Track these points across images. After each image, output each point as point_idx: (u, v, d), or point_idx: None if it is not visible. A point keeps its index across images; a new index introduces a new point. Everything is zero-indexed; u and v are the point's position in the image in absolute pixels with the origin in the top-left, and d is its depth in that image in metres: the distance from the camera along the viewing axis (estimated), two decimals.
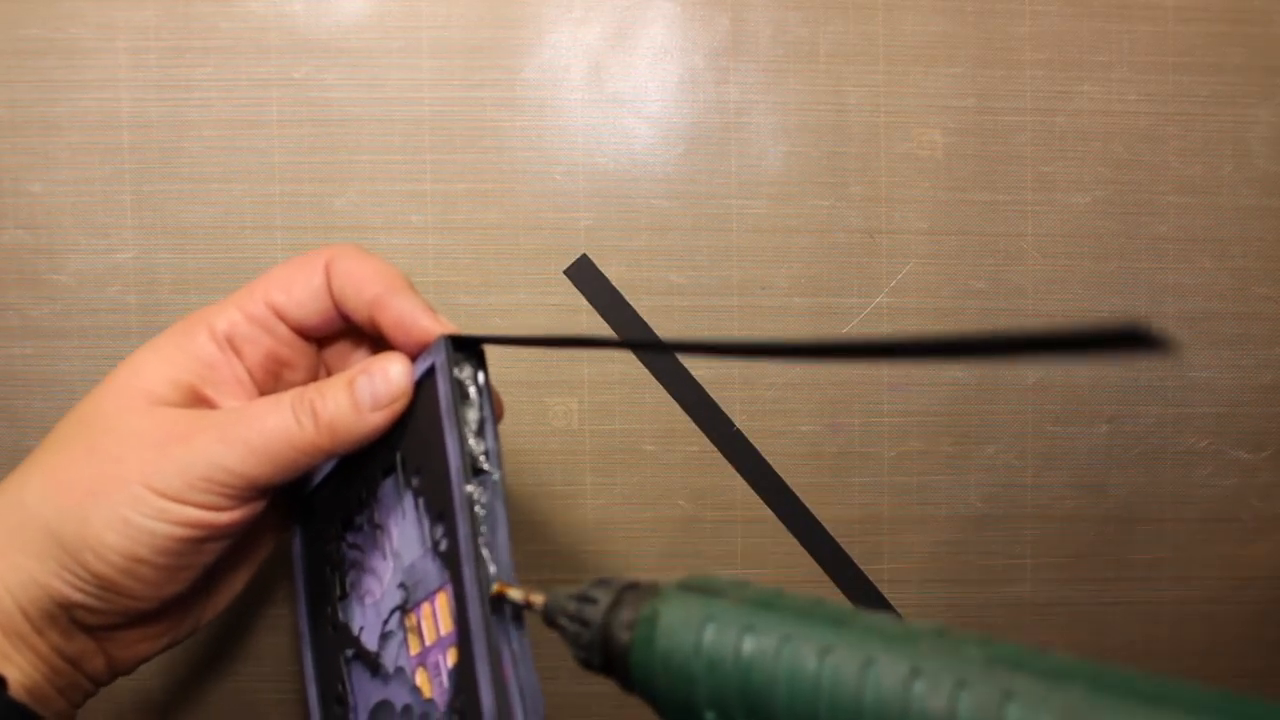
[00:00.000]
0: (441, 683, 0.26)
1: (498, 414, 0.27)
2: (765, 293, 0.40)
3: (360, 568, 0.29)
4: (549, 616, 0.23)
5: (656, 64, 0.40)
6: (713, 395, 0.40)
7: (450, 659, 0.26)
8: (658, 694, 0.21)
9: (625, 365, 0.40)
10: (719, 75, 0.40)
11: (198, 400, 0.27)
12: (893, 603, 0.41)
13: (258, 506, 0.27)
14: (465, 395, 0.26)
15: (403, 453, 0.27)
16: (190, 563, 0.27)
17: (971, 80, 0.40)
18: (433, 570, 0.26)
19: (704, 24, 0.40)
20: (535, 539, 0.40)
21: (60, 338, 0.39)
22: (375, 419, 0.27)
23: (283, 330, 0.28)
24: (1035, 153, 0.40)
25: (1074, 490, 0.41)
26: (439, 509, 0.26)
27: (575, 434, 0.40)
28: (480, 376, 0.26)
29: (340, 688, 0.29)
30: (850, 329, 0.40)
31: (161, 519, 0.25)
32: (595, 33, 0.40)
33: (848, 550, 0.40)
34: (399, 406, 0.27)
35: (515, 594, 0.24)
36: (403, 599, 0.27)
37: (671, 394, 0.40)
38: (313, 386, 0.27)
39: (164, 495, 0.25)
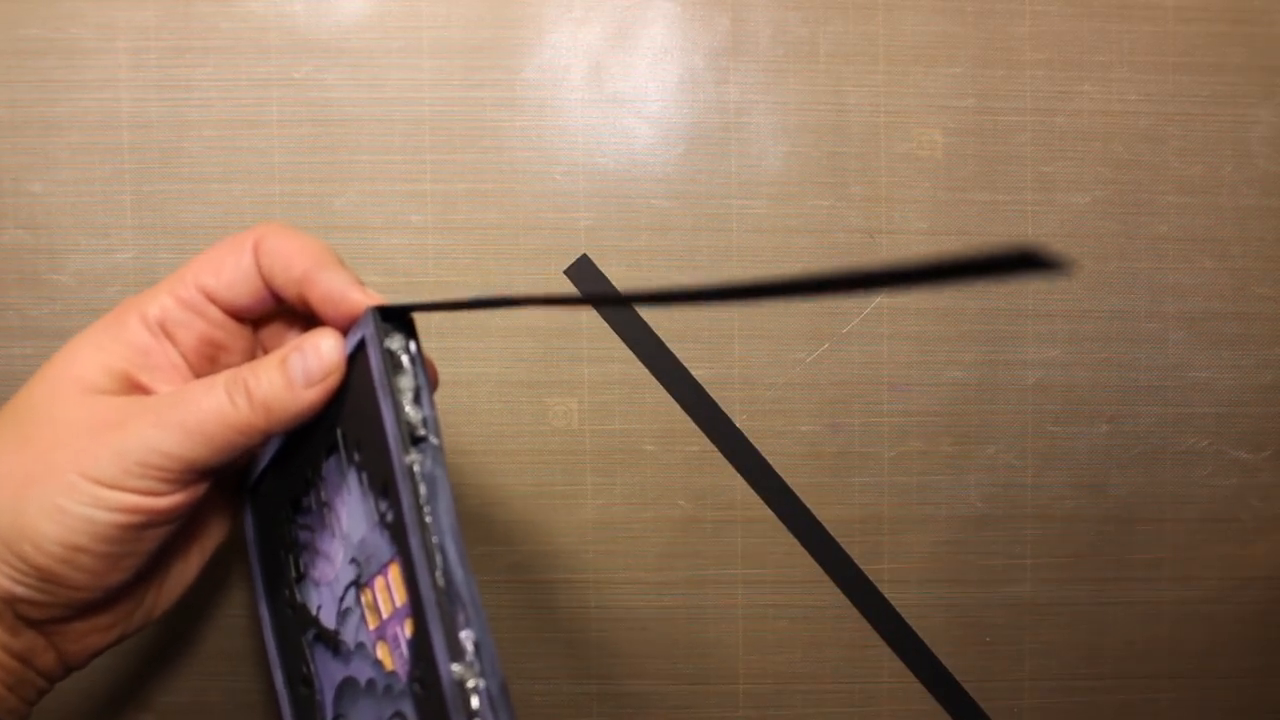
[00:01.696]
0: (402, 654, 0.26)
1: (433, 382, 0.27)
2: None
3: (312, 549, 0.29)
4: None
5: (656, 64, 0.40)
6: (713, 395, 0.40)
7: (407, 630, 0.25)
8: None
9: (625, 365, 0.40)
10: (719, 75, 0.40)
11: (133, 387, 0.27)
12: (893, 602, 0.41)
13: (198, 490, 0.27)
14: (398, 365, 0.26)
15: (343, 429, 0.27)
16: (132, 550, 0.26)
17: (971, 80, 0.40)
18: (382, 544, 0.26)
19: (704, 24, 0.40)
20: (535, 539, 0.40)
21: (60, 338, 0.38)
22: (309, 395, 0.26)
23: (214, 313, 0.28)
24: (1035, 153, 0.40)
25: (1074, 490, 0.41)
26: (382, 481, 0.26)
27: (575, 434, 0.40)
28: (412, 345, 0.26)
29: (305, 669, 0.29)
30: (850, 329, 0.40)
31: (98, 506, 0.25)
32: (595, 33, 0.40)
33: (848, 550, 0.40)
34: (332, 382, 0.26)
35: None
36: (356, 574, 0.27)
37: (671, 394, 0.40)
38: (246, 366, 0.27)
39: (99, 482, 0.25)
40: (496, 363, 0.40)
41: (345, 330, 0.27)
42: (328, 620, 0.28)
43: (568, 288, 0.40)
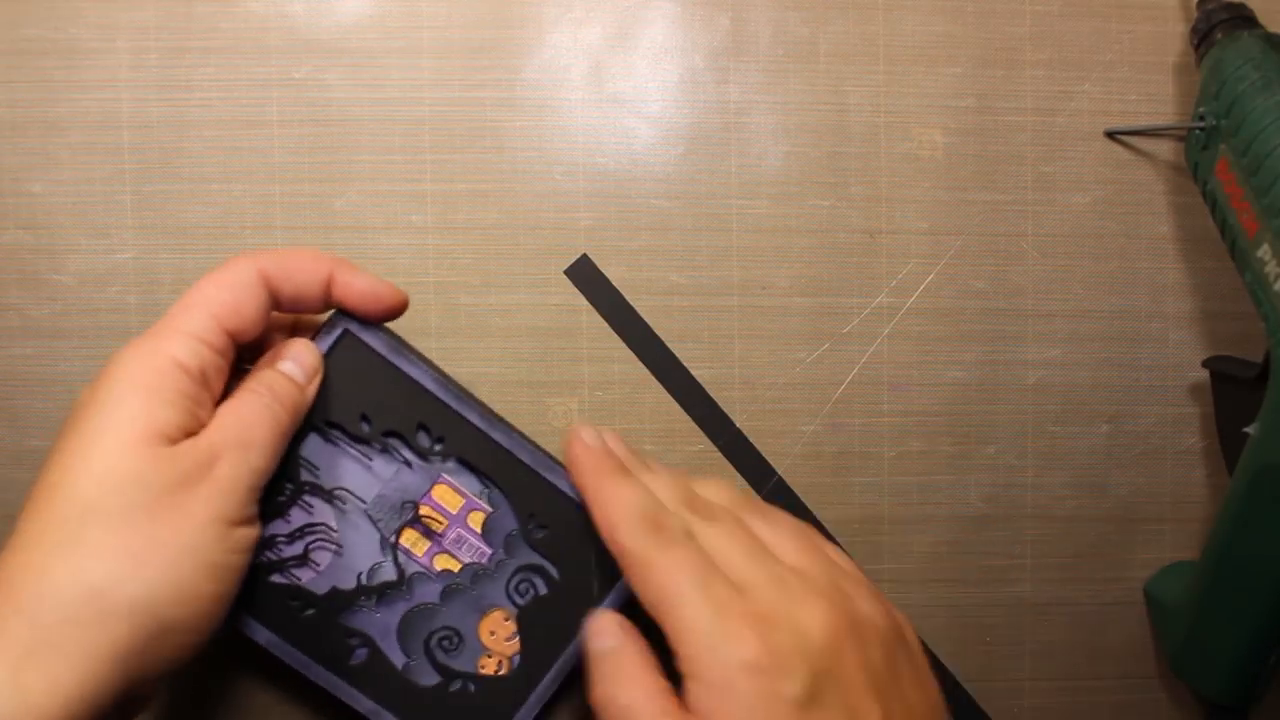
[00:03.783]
0: (475, 545, 0.33)
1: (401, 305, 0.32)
2: (765, 293, 0.40)
3: (329, 541, 0.33)
4: None
5: (656, 64, 0.40)
6: (713, 395, 0.40)
7: (475, 522, 0.33)
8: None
9: (625, 365, 0.40)
10: (719, 75, 0.40)
11: (189, 435, 0.28)
12: (894, 602, 0.41)
13: None
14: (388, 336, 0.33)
15: (328, 418, 0.32)
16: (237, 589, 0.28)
17: (971, 80, 0.40)
18: (414, 479, 0.33)
19: (704, 24, 0.40)
20: None
21: (60, 338, 0.39)
22: (311, 389, 0.31)
23: (233, 353, 0.30)
24: (1035, 153, 0.40)
25: (1074, 490, 0.41)
26: (417, 422, 0.33)
27: None
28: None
29: (353, 643, 0.33)
30: (850, 329, 0.40)
31: (236, 549, 0.27)
32: (595, 33, 0.40)
33: (848, 550, 0.40)
34: (320, 375, 0.31)
35: None
36: (400, 520, 0.33)
37: (671, 394, 0.40)
38: (251, 380, 0.29)
39: (235, 522, 0.27)
40: (496, 363, 0.40)
41: (377, 319, 0.33)
42: (370, 580, 0.33)
43: (569, 287, 0.40)
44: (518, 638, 0.33)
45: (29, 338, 0.39)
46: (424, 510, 0.33)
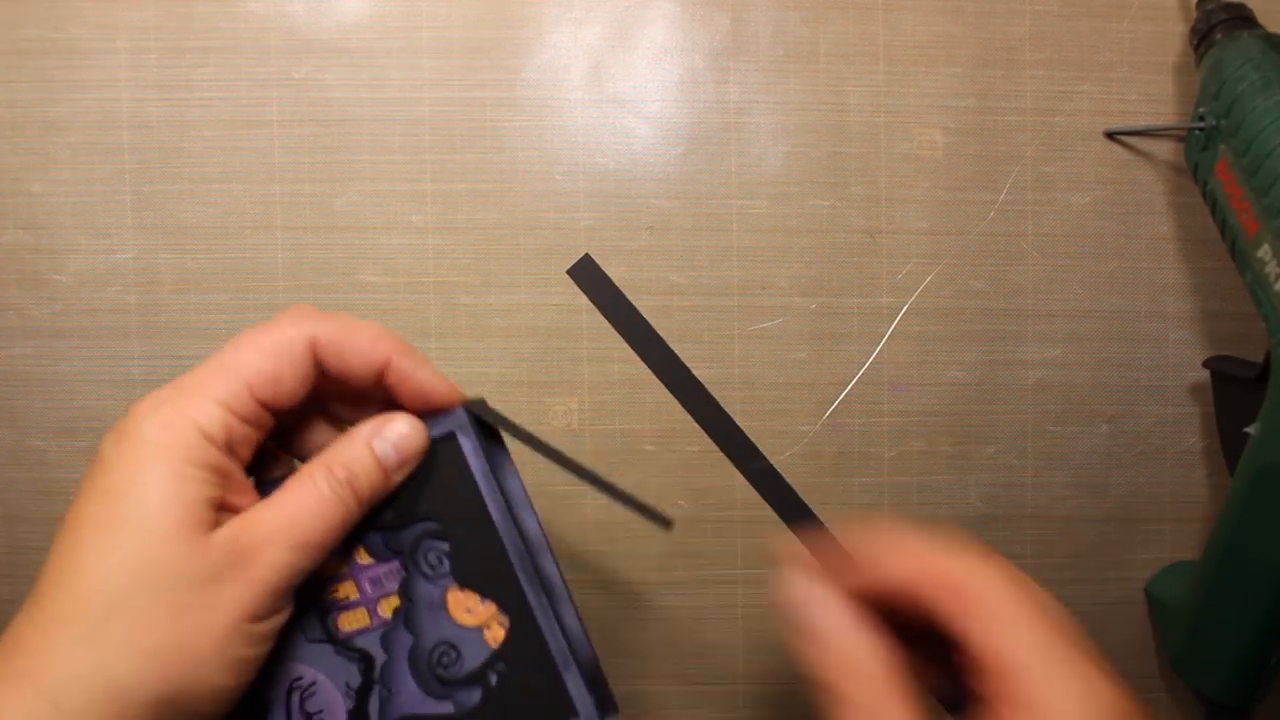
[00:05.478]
0: (385, 568, 0.29)
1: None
2: (765, 293, 0.40)
3: (301, 691, 0.30)
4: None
5: (656, 64, 0.40)
6: (713, 395, 0.40)
7: (363, 556, 0.29)
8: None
9: (625, 365, 0.40)
10: (719, 75, 0.40)
11: (224, 507, 0.26)
12: None
13: None
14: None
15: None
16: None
17: (971, 80, 0.40)
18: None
19: (704, 24, 0.40)
20: None
21: (60, 338, 0.39)
22: (396, 479, 0.28)
23: (269, 421, 0.27)
24: (1035, 153, 0.40)
25: (1074, 490, 0.41)
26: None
27: (575, 434, 0.40)
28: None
29: None
30: (851, 329, 0.40)
31: (259, 644, 0.26)
32: (595, 33, 0.40)
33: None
34: (413, 466, 0.28)
35: None
36: (325, 611, 0.29)
37: (672, 394, 0.40)
38: (336, 459, 0.27)
39: (259, 618, 0.25)
40: (497, 363, 0.40)
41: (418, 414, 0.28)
42: (358, 683, 0.30)
43: (571, 287, 0.40)
44: (478, 594, 0.30)
45: (29, 338, 0.39)
46: (329, 591, 0.30)
